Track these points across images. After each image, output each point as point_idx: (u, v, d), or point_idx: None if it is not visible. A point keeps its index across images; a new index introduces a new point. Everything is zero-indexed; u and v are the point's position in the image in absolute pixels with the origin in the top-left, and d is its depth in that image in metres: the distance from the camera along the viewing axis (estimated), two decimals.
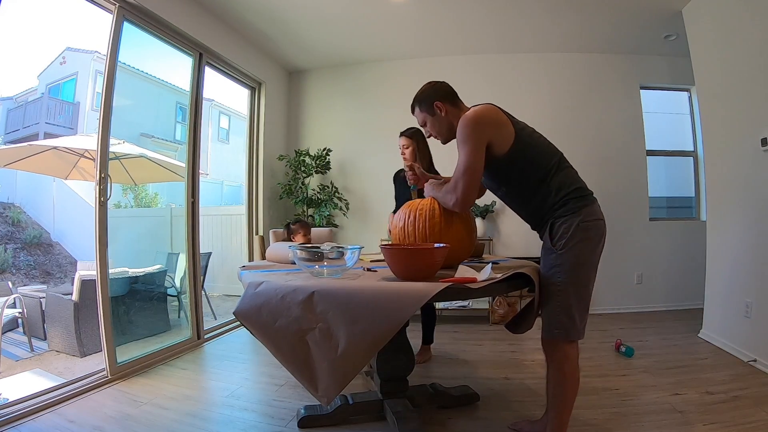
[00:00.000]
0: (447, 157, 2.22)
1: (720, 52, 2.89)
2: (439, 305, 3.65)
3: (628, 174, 4.05)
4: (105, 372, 2.36)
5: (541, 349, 1.57)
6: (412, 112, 1.72)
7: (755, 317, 2.54)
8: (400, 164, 4.38)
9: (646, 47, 3.93)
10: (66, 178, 4.35)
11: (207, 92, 3.38)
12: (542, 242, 1.56)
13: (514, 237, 4.06)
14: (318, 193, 4.26)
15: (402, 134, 2.62)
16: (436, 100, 1.61)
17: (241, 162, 4.25)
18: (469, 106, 1.62)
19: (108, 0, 2.45)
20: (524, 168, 1.50)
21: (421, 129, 1.74)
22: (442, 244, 1.46)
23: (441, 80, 1.69)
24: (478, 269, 1.46)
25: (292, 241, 2.54)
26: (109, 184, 2.41)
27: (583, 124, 4.09)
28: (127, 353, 2.61)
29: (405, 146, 2.59)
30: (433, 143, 1.94)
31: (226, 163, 10.23)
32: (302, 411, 1.87)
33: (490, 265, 1.45)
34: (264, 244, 3.09)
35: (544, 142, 1.56)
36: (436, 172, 2.50)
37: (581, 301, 1.45)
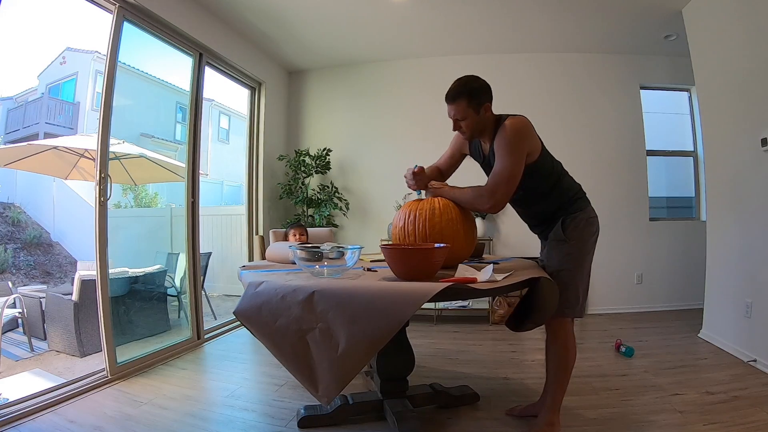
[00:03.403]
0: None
1: (720, 52, 2.89)
2: (439, 305, 3.65)
3: (628, 174, 4.05)
4: (105, 372, 2.36)
5: (540, 347, 1.62)
6: (452, 100, 1.61)
7: (755, 317, 2.54)
8: (399, 163, 4.37)
9: (646, 47, 3.93)
10: (66, 178, 4.35)
11: (207, 92, 3.38)
12: (546, 238, 1.73)
13: (514, 237, 4.05)
14: (318, 193, 4.26)
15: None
16: (488, 102, 1.63)
17: (241, 162, 4.25)
18: (495, 113, 1.67)
19: (108, 0, 2.45)
20: (544, 174, 1.66)
21: (452, 120, 1.66)
22: (442, 244, 1.46)
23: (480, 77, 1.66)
24: (479, 269, 1.46)
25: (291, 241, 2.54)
26: (109, 184, 2.41)
27: (583, 124, 4.08)
28: (127, 353, 2.61)
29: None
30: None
31: (226, 163, 10.22)
32: (302, 411, 1.87)
33: (491, 265, 1.45)
34: (264, 244, 3.09)
35: (549, 152, 1.72)
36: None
37: (585, 284, 1.68)
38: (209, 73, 3.49)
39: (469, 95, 1.59)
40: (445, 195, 1.68)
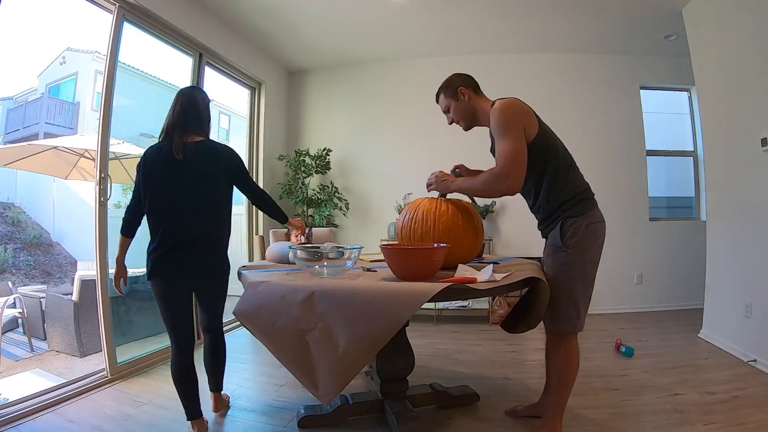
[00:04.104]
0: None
1: (720, 52, 2.89)
2: (439, 305, 3.65)
3: (628, 174, 4.05)
4: (105, 372, 2.36)
5: (540, 347, 1.60)
6: (437, 100, 1.78)
7: (755, 317, 2.54)
8: (399, 163, 4.38)
9: (646, 47, 3.93)
10: (66, 178, 4.34)
11: (207, 92, 3.37)
12: (547, 239, 1.64)
13: (514, 237, 4.06)
14: (318, 193, 4.26)
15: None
16: (461, 86, 1.68)
17: None
18: (491, 99, 1.68)
19: (108, 0, 2.45)
20: (547, 157, 1.57)
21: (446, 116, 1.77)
22: (442, 244, 1.46)
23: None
24: (478, 269, 1.46)
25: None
26: (109, 184, 2.41)
27: (583, 124, 4.08)
28: (127, 353, 2.61)
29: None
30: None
31: None
32: (302, 411, 1.87)
33: (491, 265, 1.45)
34: (264, 244, 3.09)
35: (560, 141, 1.64)
36: None
37: (586, 296, 1.57)
38: (209, 73, 3.49)
39: (444, 88, 1.73)
40: (456, 188, 1.65)
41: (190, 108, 1.79)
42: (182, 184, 1.68)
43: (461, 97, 1.68)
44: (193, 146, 1.72)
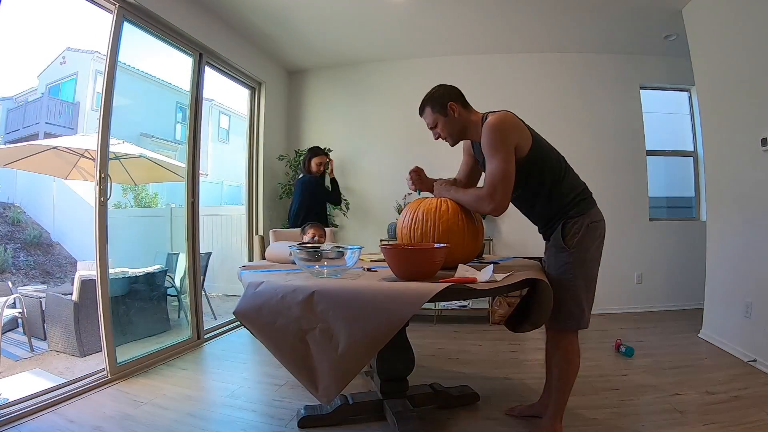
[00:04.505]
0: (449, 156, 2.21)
1: (720, 52, 2.89)
2: (439, 305, 3.65)
3: (628, 174, 4.05)
4: (105, 372, 2.36)
5: (540, 347, 1.60)
6: (421, 113, 1.71)
7: (755, 317, 2.54)
8: (400, 163, 4.38)
9: (646, 47, 3.93)
10: (66, 178, 4.35)
11: (207, 92, 3.38)
12: (548, 241, 1.64)
13: (514, 237, 4.06)
14: None
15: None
16: (450, 101, 1.62)
17: (241, 162, 4.25)
18: (480, 111, 1.65)
19: (108, 0, 2.45)
20: (542, 170, 1.57)
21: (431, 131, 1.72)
22: (442, 244, 1.46)
23: (449, 84, 1.69)
24: (479, 269, 1.46)
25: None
26: (109, 184, 2.41)
27: (583, 124, 4.08)
28: (127, 353, 2.61)
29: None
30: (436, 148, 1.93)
31: (226, 163, 10.21)
32: (302, 411, 1.87)
33: (492, 265, 1.45)
34: (264, 244, 3.09)
35: (552, 146, 1.62)
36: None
37: (590, 294, 1.58)
38: (209, 73, 3.49)
39: (431, 102, 1.66)
40: (449, 196, 1.66)
41: (303, 160, 3.50)
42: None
43: (450, 113, 1.62)
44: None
